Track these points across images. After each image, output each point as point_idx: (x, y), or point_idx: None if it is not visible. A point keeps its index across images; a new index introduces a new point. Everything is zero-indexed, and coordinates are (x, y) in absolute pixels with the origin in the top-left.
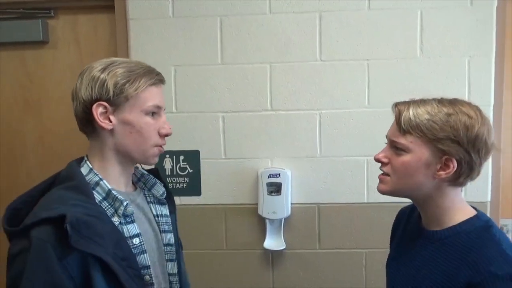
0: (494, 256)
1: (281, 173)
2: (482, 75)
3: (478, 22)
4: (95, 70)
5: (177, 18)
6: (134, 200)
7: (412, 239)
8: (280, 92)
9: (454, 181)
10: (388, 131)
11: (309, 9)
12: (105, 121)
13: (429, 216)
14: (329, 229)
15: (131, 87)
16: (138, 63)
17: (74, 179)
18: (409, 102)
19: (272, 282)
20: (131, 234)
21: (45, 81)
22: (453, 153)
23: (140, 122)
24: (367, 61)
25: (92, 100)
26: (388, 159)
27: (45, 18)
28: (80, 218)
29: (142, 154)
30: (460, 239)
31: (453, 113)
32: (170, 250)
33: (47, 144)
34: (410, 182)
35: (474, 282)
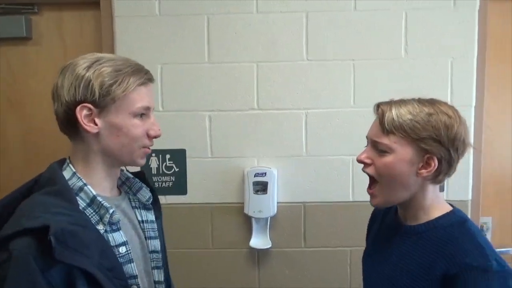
0: (469, 249)
1: (267, 172)
2: (464, 76)
3: (460, 24)
4: (79, 68)
5: (164, 16)
6: (119, 206)
7: (388, 236)
8: (267, 91)
9: (434, 179)
10: (369, 132)
11: (296, 9)
12: (90, 124)
13: (408, 213)
14: (314, 227)
15: (118, 88)
16: (126, 60)
17: (56, 183)
18: (391, 102)
19: (258, 281)
20: (117, 242)
21: (28, 78)
22: (434, 151)
23: (128, 125)
24: (353, 61)
25: (75, 101)
26: (371, 160)
27: (28, 14)
28: (65, 228)
29: (129, 156)
30: (437, 233)
31: (434, 113)
32: (156, 258)
33: (30, 143)
34: (396, 185)
35: (450, 273)
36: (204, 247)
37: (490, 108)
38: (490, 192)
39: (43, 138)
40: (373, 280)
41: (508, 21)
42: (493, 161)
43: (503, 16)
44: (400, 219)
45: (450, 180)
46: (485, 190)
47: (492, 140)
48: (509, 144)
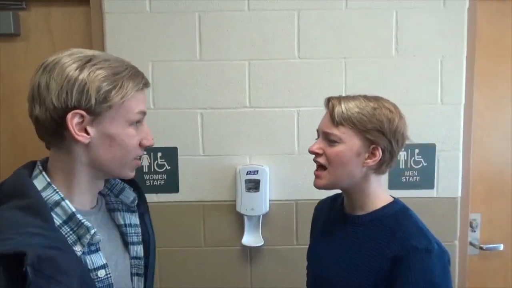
0: (413, 232)
1: (259, 170)
2: (454, 74)
3: (450, 23)
4: (69, 69)
5: (154, 13)
6: (97, 218)
7: (337, 227)
8: (259, 89)
9: (378, 169)
10: (320, 125)
11: (287, 7)
12: (81, 134)
13: (354, 203)
14: (306, 225)
15: (117, 95)
16: (121, 61)
17: (28, 196)
18: (340, 97)
19: (250, 279)
20: (95, 265)
21: (16, 75)
22: (379, 142)
23: (123, 134)
24: (344, 59)
25: (67, 108)
26: (322, 150)
27: (16, 10)
28: (41, 254)
29: (120, 169)
30: (385, 220)
31: (378, 107)
32: (138, 264)
33: (19, 141)
34: (344, 172)
35: (399, 255)
36: (196, 245)
37: (479, 106)
38: (479, 189)
39: (31, 135)
40: (324, 269)
41: (497, 20)
42: (482, 159)
43: (492, 16)
44: (346, 210)
45: (440, 178)
46: (475, 187)
47: (481, 138)
48: (498, 141)
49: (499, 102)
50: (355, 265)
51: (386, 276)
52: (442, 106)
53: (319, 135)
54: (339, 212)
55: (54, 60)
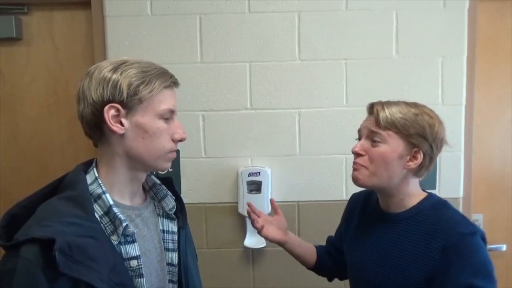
0: (457, 220)
1: (261, 171)
2: (455, 75)
3: (450, 24)
4: (105, 70)
5: (155, 16)
6: (140, 214)
7: (374, 225)
8: (260, 91)
9: (417, 172)
10: (364, 125)
11: (288, 9)
12: (116, 125)
13: (391, 202)
14: (308, 226)
15: (145, 89)
16: (151, 63)
17: (76, 188)
18: (383, 102)
19: (253, 280)
20: (129, 256)
21: (18, 79)
22: (421, 146)
23: (154, 127)
24: (345, 60)
25: (103, 101)
26: (365, 151)
27: (18, 14)
28: (72, 242)
29: (154, 160)
30: (425, 214)
31: (419, 113)
32: (172, 271)
33: (20, 144)
34: (385, 173)
35: (448, 244)
36: (199, 247)
37: (480, 106)
38: (481, 189)
39: (33, 138)
40: (367, 264)
41: (497, 20)
42: (484, 159)
43: (492, 15)
44: (382, 208)
45: (442, 178)
46: (476, 187)
47: (482, 138)
48: (499, 142)
49: (500, 102)
50: (403, 261)
51: (438, 266)
52: (443, 106)
53: (361, 136)
54: (375, 210)
55: (96, 66)
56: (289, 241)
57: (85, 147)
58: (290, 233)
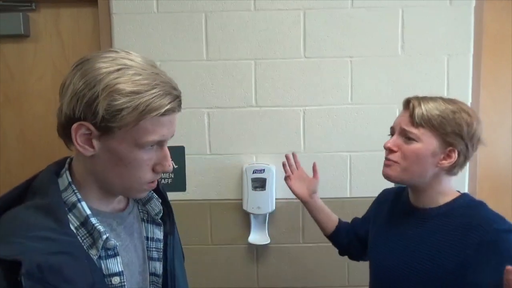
0: (493, 217)
1: (265, 168)
2: (460, 73)
3: (456, 21)
4: (93, 73)
5: (161, 13)
6: (122, 222)
7: (403, 222)
8: (265, 89)
9: (450, 171)
10: (398, 122)
11: (293, 6)
12: (84, 146)
13: (423, 198)
14: (312, 223)
15: (128, 116)
16: (155, 77)
17: (47, 195)
18: (419, 98)
19: (256, 276)
20: (110, 272)
21: (26, 75)
22: (456, 145)
23: (130, 157)
24: (350, 58)
25: (73, 117)
26: (397, 147)
27: (26, 11)
28: (43, 262)
29: (125, 189)
30: (458, 211)
31: (457, 111)
32: (155, 281)
33: (28, 140)
34: (417, 170)
35: (484, 240)
36: (203, 243)
37: (486, 104)
38: (486, 187)
39: (40, 135)
40: (393, 258)
41: (503, 18)
42: (489, 157)
43: (499, 13)
44: (413, 203)
45: None
46: (481, 185)
47: (487, 136)
48: (505, 140)
49: (505, 100)
50: (432, 255)
51: (472, 262)
52: None
53: (394, 132)
54: (406, 206)
55: (88, 60)
56: (311, 203)
57: None
58: (316, 197)
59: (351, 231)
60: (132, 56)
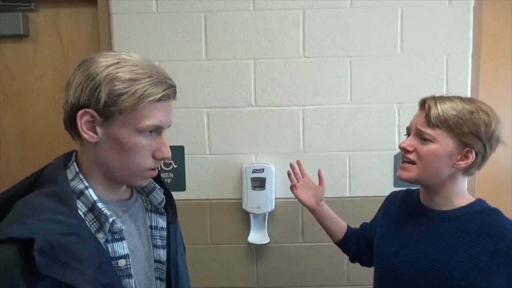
0: (508, 226)
1: (265, 168)
2: (460, 72)
3: (456, 21)
4: (94, 67)
5: (161, 13)
6: (127, 210)
7: (415, 219)
8: (264, 88)
9: (467, 171)
10: (415, 123)
11: (292, 6)
12: (89, 132)
13: (437, 199)
14: (312, 222)
15: (127, 101)
16: (152, 68)
17: (57, 183)
18: (436, 98)
19: (256, 276)
20: (117, 254)
21: (25, 75)
22: (473, 146)
23: (130, 142)
24: (349, 58)
25: (79, 105)
26: (413, 147)
27: (25, 11)
28: (54, 241)
29: (128, 176)
30: (474, 217)
31: (475, 111)
32: (160, 268)
33: (28, 140)
34: (433, 170)
35: (499, 249)
36: (203, 242)
37: None
38: (485, 187)
39: (40, 135)
40: (399, 258)
41: (502, 18)
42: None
43: (498, 13)
44: (425, 204)
45: None
46: (480, 185)
47: None
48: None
49: (504, 99)
50: (444, 259)
51: (484, 269)
52: None
53: (410, 132)
54: (417, 206)
55: (90, 58)
56: (318, 210)
57: None
58: (323, 205)
59: (360, 236)
60: (130, 53)
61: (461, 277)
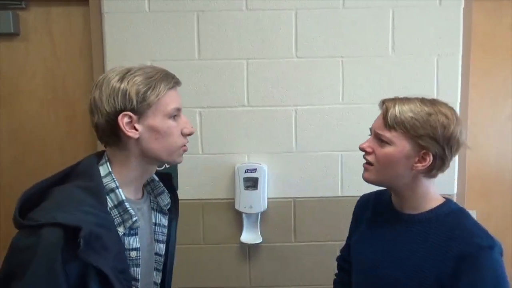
0: (475, 231)
1: (257, 168)
2: (450, 73)
3: (446, 22)
4: (113, 81)
5: (153, 12)
6: (140, 209)
7: (387, 223)
8: (257, 88)
9: (428, 173)
10: (374, 124)
11: (285, 6)
12: (131, 131)
13: (405, 202)
14: (304, 222)
15: (152, 94)
16: (153, 68)
17: (92, 180)
18: (395, 99)
19: (249, 276)
20: (130, 247)
21: (16, 74)
22: (430, 148)
23: (165, 126)
24: (341, 58)
25: (116, 111)
26: (372, 149)
27: (16, 9)
28: (92, 231)
29: (169, 155)
30: (442, 219)
31: (433, 113)
32: (158, 260)
33: (19, 139)
34: (391, 173)
35: (465, 254)
36: (195, 242)
37: (475, 104)
38: (475, 186)
39: (31, 134)
40: (375, 263)
41: (492, 18)
42: (478, 156)
43: (488, 14)
44: (396, 208)
45: None
46: (470, 184)
47: (476, 136)
48: (494, 139)
49: (494, 99)
50: (415, 263)
51: (450, 274)
52: None
53: (372, 133)
54: (389, 210)
55: (103, 77)
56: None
57: (84, 142)
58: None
59: (346, 267)
60: (125, 66)
61: (434, 281)
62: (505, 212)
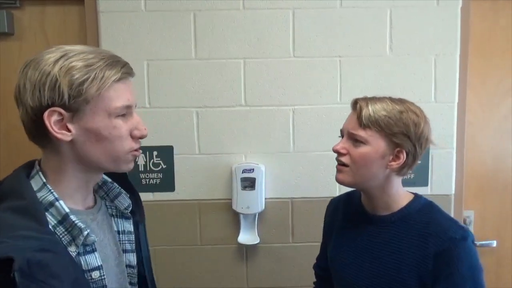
0: (447, 224)
1: (255, 168)
2: (447, 73)
3: (443, 22)
4: (42, 64)
5: (149, 12)
6: (95, 218)
7: (359, 226)
8: (254, 88)
9: (399, 171)
10: (346, 125)
11: (282, 6)
12: (61, 131)
13: (377, 203)
14: (302, 223)
15: (91, 87)
16: (99, 52)
17: (23, 197)
18: (367, 99)
19: (246, 276)
20: (90, 267)
21: (10, 74)
22: (404, 145)
23: (108, 127)
24: (339, 58)
25: (42, 106)
26: (346, 150)
27: (10, 8)
28: (31, 259)
29: (113, 162)
30: (414, 217)
31: (404, 111)
32: (131, 273)
33: (13, 140)
34: (366, 173)
35: (440, 249)
36: (192, 243)
37: (473, 104)
38: (472, 186)
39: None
40: (354, 268)
41: (490, 19)
42: (475, 157)
43: (485, 14)
44: (368, 211)
45: (434, 175)
46: (468, 184)
47: (474, 136)
48: (491, 139)
49: (492, 100)
50: (393, 265)
51: (430, 272)
52: (435, 104)
53: (344, 134)
54: (360, 212)
55: (33, 59)
56: None
57: None
58: None
59: (324, 275)
60: (70, 45)
61: (415, 281)
62: (502, 212)
